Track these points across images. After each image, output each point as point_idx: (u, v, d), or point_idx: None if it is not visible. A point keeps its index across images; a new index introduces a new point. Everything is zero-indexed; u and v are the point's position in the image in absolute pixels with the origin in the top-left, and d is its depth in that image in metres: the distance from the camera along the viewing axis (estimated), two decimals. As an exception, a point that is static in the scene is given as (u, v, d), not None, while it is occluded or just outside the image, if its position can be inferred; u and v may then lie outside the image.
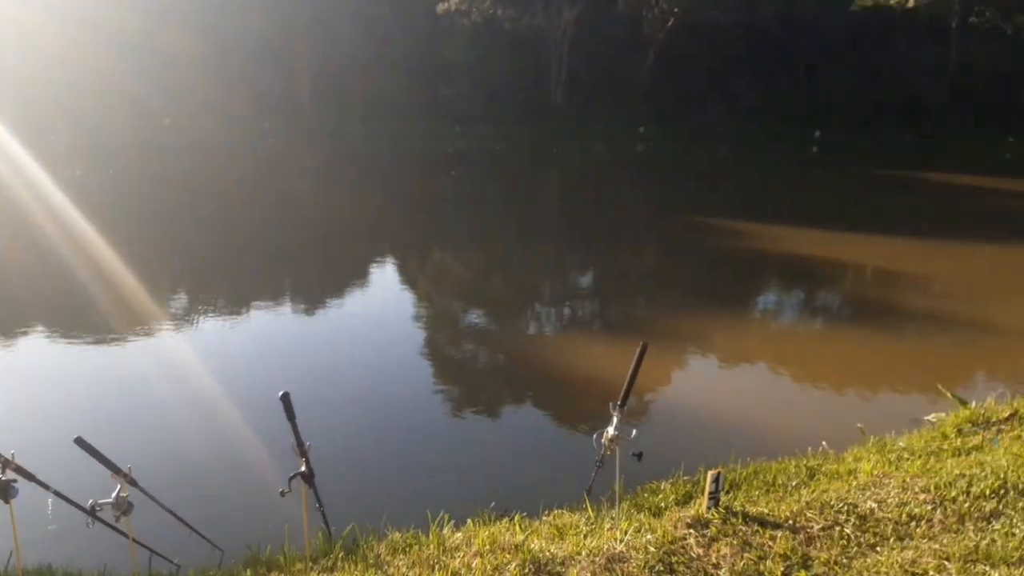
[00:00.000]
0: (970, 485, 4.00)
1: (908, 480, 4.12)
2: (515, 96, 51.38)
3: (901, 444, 5.38)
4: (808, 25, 53.60)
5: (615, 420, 3.64)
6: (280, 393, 3.42)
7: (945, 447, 5.16)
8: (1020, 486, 3.97)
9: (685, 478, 4.92)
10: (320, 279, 14.38)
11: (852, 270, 15.56)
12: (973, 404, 6.18)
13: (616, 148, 46.67)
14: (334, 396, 7.92)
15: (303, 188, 28.39)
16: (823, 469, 4.87)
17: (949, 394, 6.41)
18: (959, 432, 5.55)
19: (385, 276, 15.16)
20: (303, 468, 3.53)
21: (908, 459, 4.89)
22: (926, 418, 6.40)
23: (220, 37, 47.22)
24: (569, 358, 9.54)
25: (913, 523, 3.67)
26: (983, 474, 4.17)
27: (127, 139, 40.55)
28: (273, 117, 48.67)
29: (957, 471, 4.29)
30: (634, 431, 3.72)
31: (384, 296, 13.19)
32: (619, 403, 3.62)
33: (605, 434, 3.68)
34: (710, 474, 3.57)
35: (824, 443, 5.59)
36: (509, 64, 50.43)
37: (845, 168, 38.33)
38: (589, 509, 4.02)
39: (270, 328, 10.79)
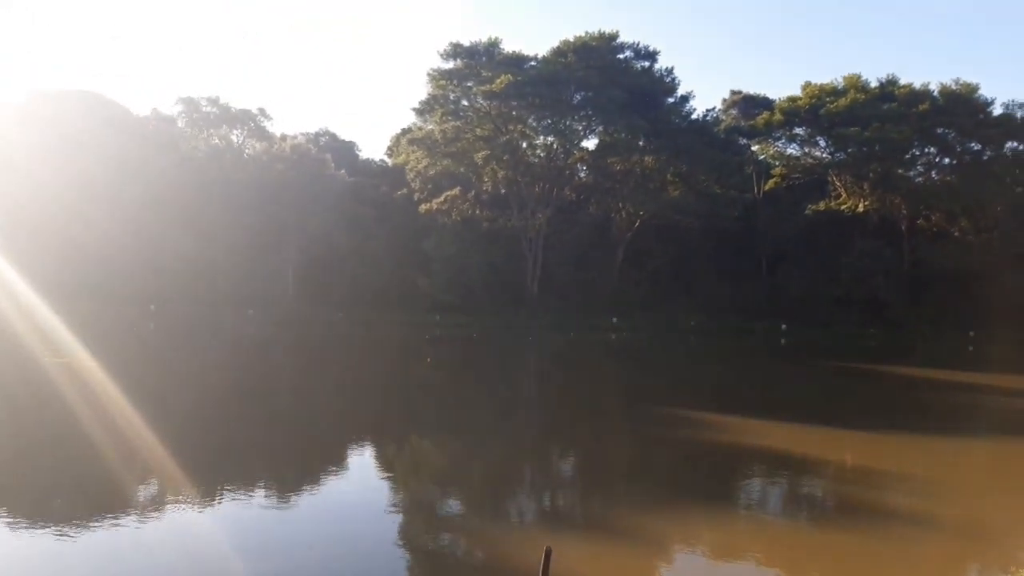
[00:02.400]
0: None
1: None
2: (492, 288, 53.30)
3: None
4: (767, 226, 57.31)
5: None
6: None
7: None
8: None
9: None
10: (293, 468, 14.26)
11: (827, 466, 15.63)
12: None
13: (590, 338, 47.81)
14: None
15: (281, 374, 28.59)
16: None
17: None
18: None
19: (361, 463, 15.08)
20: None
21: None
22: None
23: (210, 231, 49.33)
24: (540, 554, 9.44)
25: None
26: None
27: (110, 326, 41.04)
28: (257, 305, 49.82)
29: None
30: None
31: (360, 484, 13.11)
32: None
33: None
34: None
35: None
36: (486, 258, 52.80)
37: (813, 361, 39.37)
38: None
39: (242, 519, 10.61)
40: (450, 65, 55.02)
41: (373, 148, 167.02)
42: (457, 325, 49.60)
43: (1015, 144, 55.47)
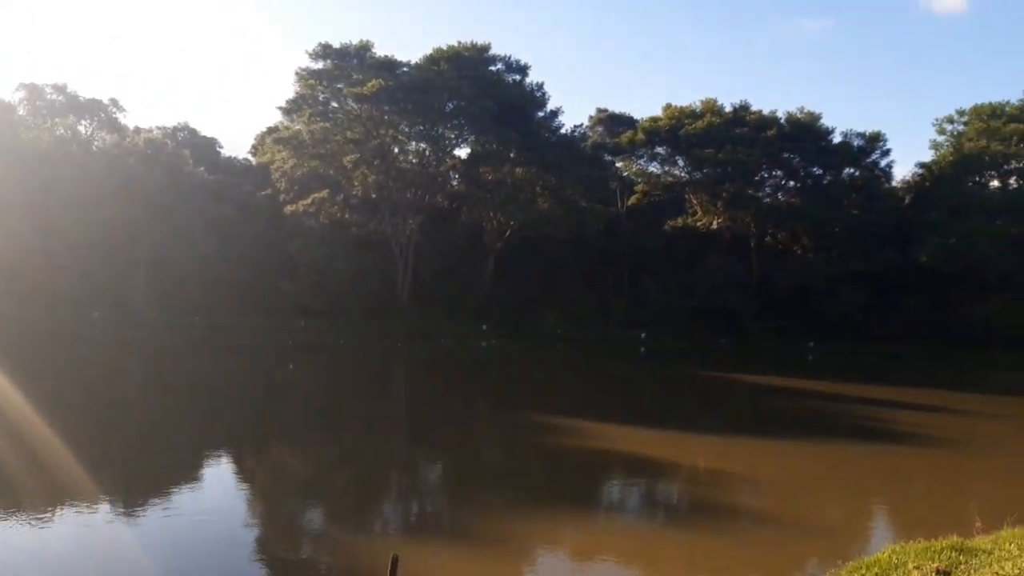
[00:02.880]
0: None
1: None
2: (361, 293, 52.25)
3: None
4: (629, 239, 59.59)
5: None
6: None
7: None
8: None
9: None
10: (142, 480, 13.36)
11: (682, 469, 16.41)
12: None
13: (460, 345, 47.89)
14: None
15: (124, 382, 26.77)
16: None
17: None
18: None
19: (216, 473, 14.34)
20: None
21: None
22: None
23: (51, 224, 45.58)
24: (412, 564, 9.32)
25: None
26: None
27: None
28: (104, 307, 46.48)
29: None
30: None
31: (216, 494, 12.46)
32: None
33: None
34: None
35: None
36: (355, 263, 51.70)
37: (670, 368, 41.24)
38: None
39: (83, 537, 9.83)
40: (319, 65, 53.59)
41: (237, 146, 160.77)
42: (323, 331, 48.30)
43: (852, 170, 60.47)
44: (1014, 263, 50.88)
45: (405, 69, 54.87)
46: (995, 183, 57.39)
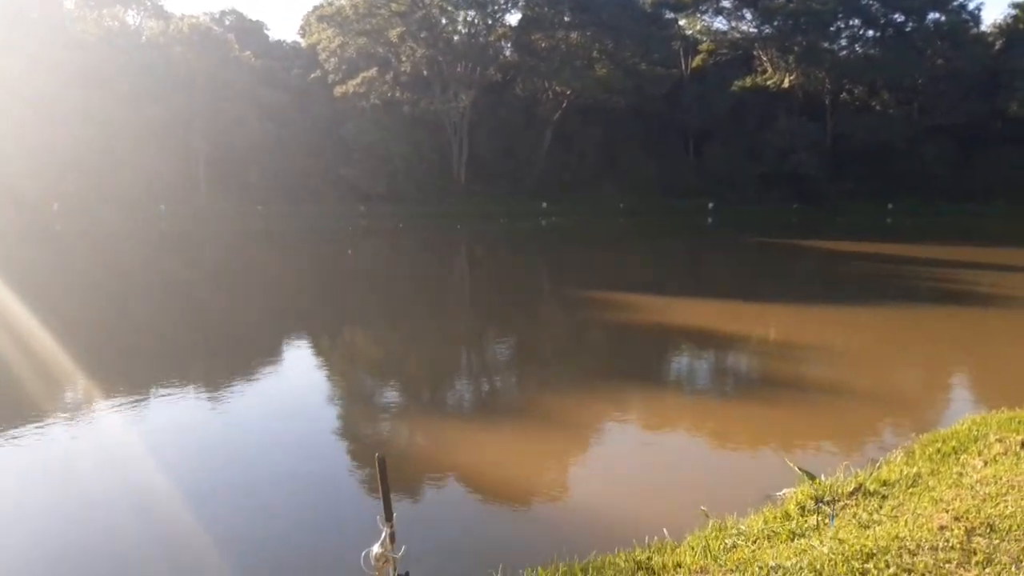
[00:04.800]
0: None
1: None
2: (417, 175, 51.72)
3: (741, 527, 5.16)
4: (693, 104, 56.68)
5: (383, 536, 3.23)
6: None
7: (783, 529, 4.98)
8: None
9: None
10: (228, 362, 13.58)
11: (749, 340, 15.82)
12: (821, 478, 6.08)
13: (519, 224, 47.34)
14: (258, 477, 7.70)
15: (198, 272, 27.32)
16: (653, 563, 4.59)
17: (797, 468, 6.29)
18: (802, 510, 5.38)
19: (294, 356, 14.52)
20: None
21: (742, 545, 4.70)
22: (777, 494, 6.26)
23: (110, 121, 45.88)
24: (482, 440, 9.28)
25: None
26: (799, 566, 4.04)
27: (8, 228, 38.40)
28: (169, 200, 47.31)
29: (774, 562, 4.13)
30: (403, 547, 3.31)
31: (295, 376, 12.72)
32: (385, 519, 3.20)
33: (370, 552, 3.26)
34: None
35: (665, 530, 5.32)
36: (410, 144, 50.88)
37: (739, 238, 39.92)
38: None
39: (182, 415, 10.14)
40: (359, -68, 51.01)
41: (285, 29, 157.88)
42: (383, 215, 48.25)
43: (937, 15, 55.43)
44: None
45: (447, -71, 51.74)
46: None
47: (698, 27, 60.86)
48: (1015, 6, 54.22)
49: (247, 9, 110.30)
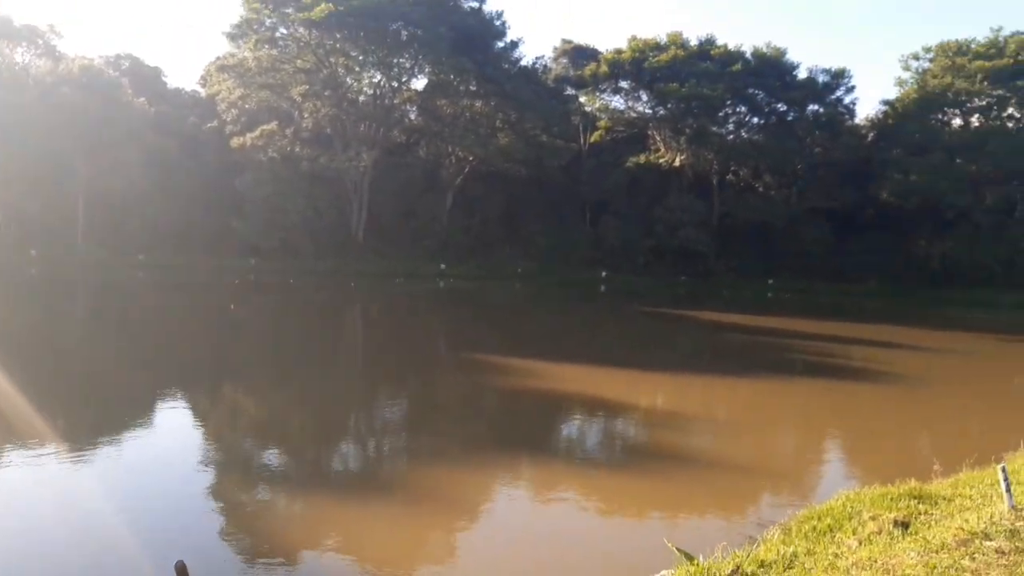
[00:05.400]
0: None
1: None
2: (314, 232, 50.66)
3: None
4: (591, 177, 58.50)
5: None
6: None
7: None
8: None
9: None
10: (78, 423, 12.32)
11: (637, 408, 15.87)
12: (700, 558, 5.89)
13: (416, 285, 46.89)
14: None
15: (68, 319, 25.38)
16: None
17: (675, 549, 6.10)
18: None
19: (169, 416, 13.38)
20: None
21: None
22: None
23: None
24: (365, 511, 8.84)
25: None
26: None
27: None
28: (43, 245, 44.35)
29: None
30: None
31: (168, 440, 11.69)
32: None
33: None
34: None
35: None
36: (307, 200, 49.92)
37: (630, 307, 40.77)
38: None
39: (38, 478, 9.09)
40: (265, -12, 50.65)
41: (185, 77, 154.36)
42: (274, 271, 46.81)
43: (816, 107, 59.68)
44: (971, 201, 51.31)
45: (357, -7, 52.11)
46: (957, 121, 57.08)
47: (597, 104, 63.29)
48: (885, 103, 59.20)
49: (148, 56, 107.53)
